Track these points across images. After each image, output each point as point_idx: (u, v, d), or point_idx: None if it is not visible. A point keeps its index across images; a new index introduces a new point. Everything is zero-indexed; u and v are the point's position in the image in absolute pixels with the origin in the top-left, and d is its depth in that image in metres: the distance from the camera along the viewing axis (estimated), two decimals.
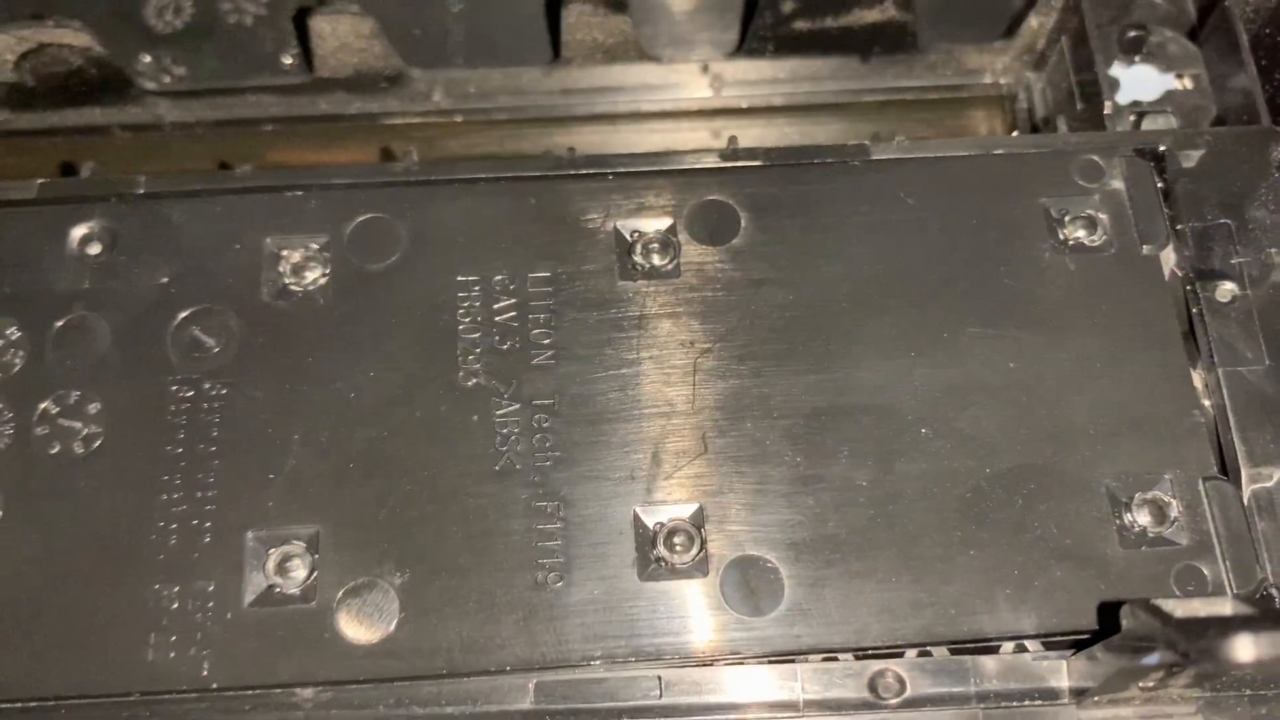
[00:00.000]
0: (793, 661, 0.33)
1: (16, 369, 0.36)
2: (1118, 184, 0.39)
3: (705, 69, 0.47)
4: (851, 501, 0.34)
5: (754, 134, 0.47)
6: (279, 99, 0.47)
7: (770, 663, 0.33)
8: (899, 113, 0.48)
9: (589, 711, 0.32)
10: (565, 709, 0.32)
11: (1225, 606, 0.28)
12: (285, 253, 0.37)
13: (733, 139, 0.40)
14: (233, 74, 0.46)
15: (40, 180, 0.39)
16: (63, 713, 0.32)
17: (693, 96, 0.47)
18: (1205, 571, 0.34)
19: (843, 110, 0.48)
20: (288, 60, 0.45)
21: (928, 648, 0.33)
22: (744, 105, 0.47)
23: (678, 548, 0.34)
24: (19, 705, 0.32)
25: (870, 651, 0.33)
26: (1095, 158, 0.39)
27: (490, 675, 0.33)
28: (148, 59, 0.46)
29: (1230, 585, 0.33)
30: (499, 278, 0.37)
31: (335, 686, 0.33)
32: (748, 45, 0.46)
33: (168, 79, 0.46)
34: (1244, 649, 0.25)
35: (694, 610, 0.33)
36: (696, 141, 0.47)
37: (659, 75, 0.47)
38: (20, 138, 0.47)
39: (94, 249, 0.38)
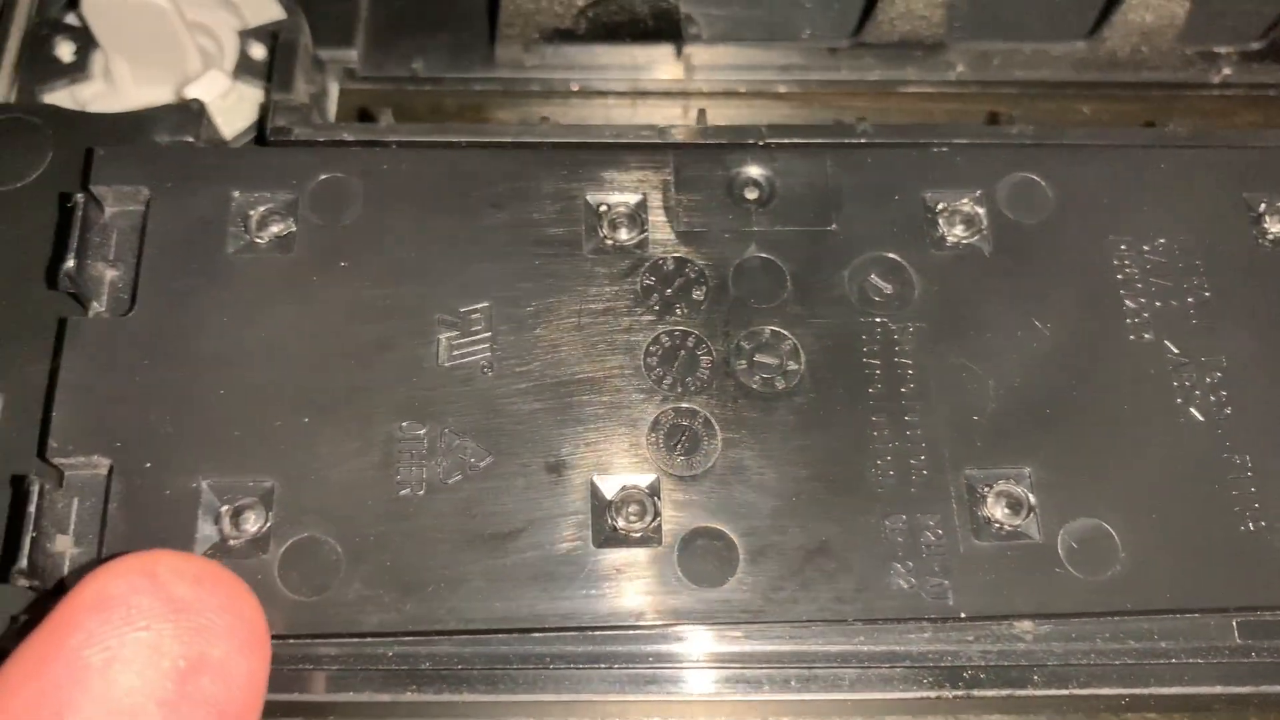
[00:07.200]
0: None
1: (703, 306, 0.37)
2: None
3: None
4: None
5: None
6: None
7: None
8: None
9: None
10: (1269, 646, 0.35)
11: None
12: (941, 205, 0.39)
13: None
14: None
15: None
16: None
17: None
18: None
19: None
20: None
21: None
22: None
23: None
24: None
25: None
26: None
27: (1199, 614, 0.35)
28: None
29: None
30: (1159, 242, 0.39)
31: (1057, 619, 0.34)
32: None
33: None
34: None
35: None
36: None
37: None
38: None
39: (752, 194, 0.39)
